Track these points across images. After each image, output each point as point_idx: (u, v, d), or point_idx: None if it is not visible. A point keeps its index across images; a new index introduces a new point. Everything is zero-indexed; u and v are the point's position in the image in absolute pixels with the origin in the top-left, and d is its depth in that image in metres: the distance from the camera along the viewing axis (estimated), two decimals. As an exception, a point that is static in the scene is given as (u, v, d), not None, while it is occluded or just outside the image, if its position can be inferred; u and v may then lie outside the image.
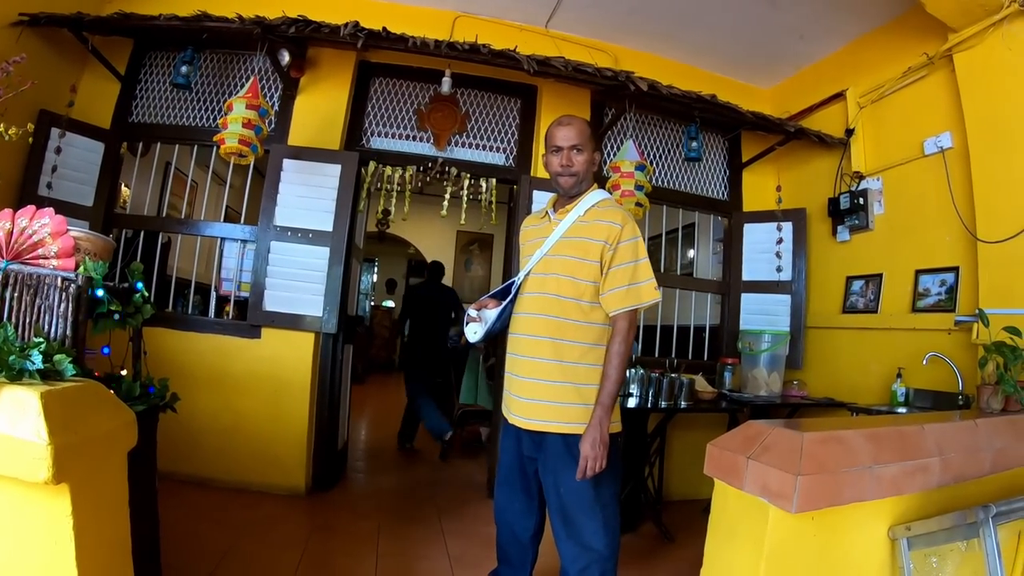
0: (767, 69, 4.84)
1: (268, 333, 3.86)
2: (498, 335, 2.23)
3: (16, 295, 1.50)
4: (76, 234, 1.71)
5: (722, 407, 3.88)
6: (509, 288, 2.18)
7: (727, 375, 4.27)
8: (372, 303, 13.72)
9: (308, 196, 3.89)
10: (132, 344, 1.96)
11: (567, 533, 2.00)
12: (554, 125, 2.10)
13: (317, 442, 3.97)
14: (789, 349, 4.22)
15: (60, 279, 1.53)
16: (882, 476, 1.44)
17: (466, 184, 4.07)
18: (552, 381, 1.98)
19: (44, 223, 1.62)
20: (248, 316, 3.83)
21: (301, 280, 3.83)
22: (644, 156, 4.10)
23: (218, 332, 3.92)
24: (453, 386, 6.05)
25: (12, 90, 2.62)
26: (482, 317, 2.16)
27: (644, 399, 3.61)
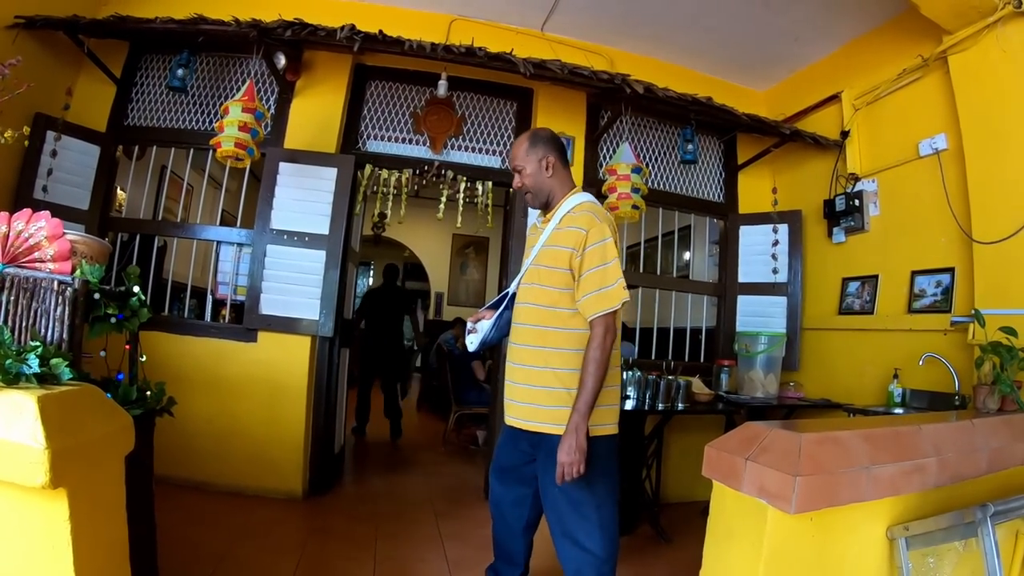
0: (762, 72, 4.86)
1: (264, 337, 3.85)
2: (497, 343, 2.27)
3: (12, 299, 1.49)
4: (72, 237, 1.71)
5: (719, 409, 3.89)
6: (504, 298, 2.24)
7: (724, 377, 4.27)
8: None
9: (304, 199, 3.88)
10: (129, 348, 1.95)
11: (561, 531, 2.03)
12: None
13: (314, 446, 3.96)
14: (785, 351, 4.23)
15: (56, 282, 1.52)
16: (879, 476, 1.44)
17: (462, 187, 4.07)
18: (545, 387, 2.02)
19: (40, 226, 1.61)
20: (244, 320, 3.81)
21: (297, 283, 3.83)
22: (640, 159, 4.11)
23: (214, 336, 3.91)
24: (398, 379, 6.42)
25: (8, 92, 2.60)
26: (478, 328, 2.25)
27: (641, 401, 3.61)
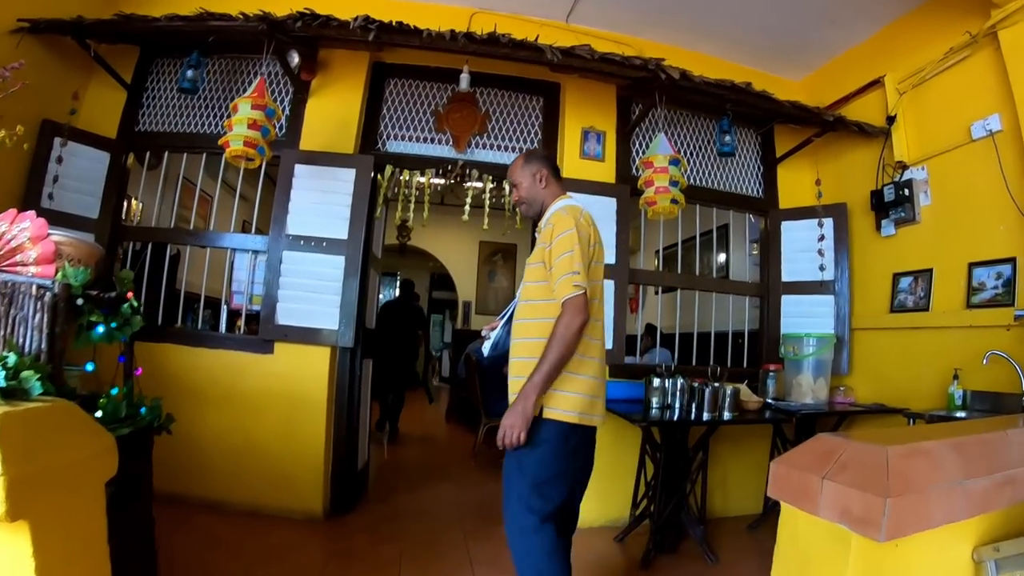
0: (797, 59, 4.62)
1: (281, 348, 3.67)
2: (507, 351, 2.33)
3: (-9, 304, 1.30)
4: (58, 238, 1.53)
5: (767, 418, 3.62)
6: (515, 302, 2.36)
7: (770, 383, 4.02)
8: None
9: (322, 203, 3.70)
10: (124, 359, 1.75)
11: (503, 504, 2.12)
12: None
13: (335, 463, 3.76)
14: (834, 353, 3.97)
15: (35, 287, 1.32)
16: (972, 491, 1.20)
17: (487, 188, 3.86)
18: (521, 376, 2.06)
19: (24, 227, 1.44)
20: (260, 330, 3.63)
21: (315, 292, 3.63)
22: (677, 150, 3.88)
23: (229, 347, 3.73)
24: (402, 391, 6.91)
25: (2, 91, 2.45)
26: (488, 336, 2.40)
27: (686, 411, 3.36)
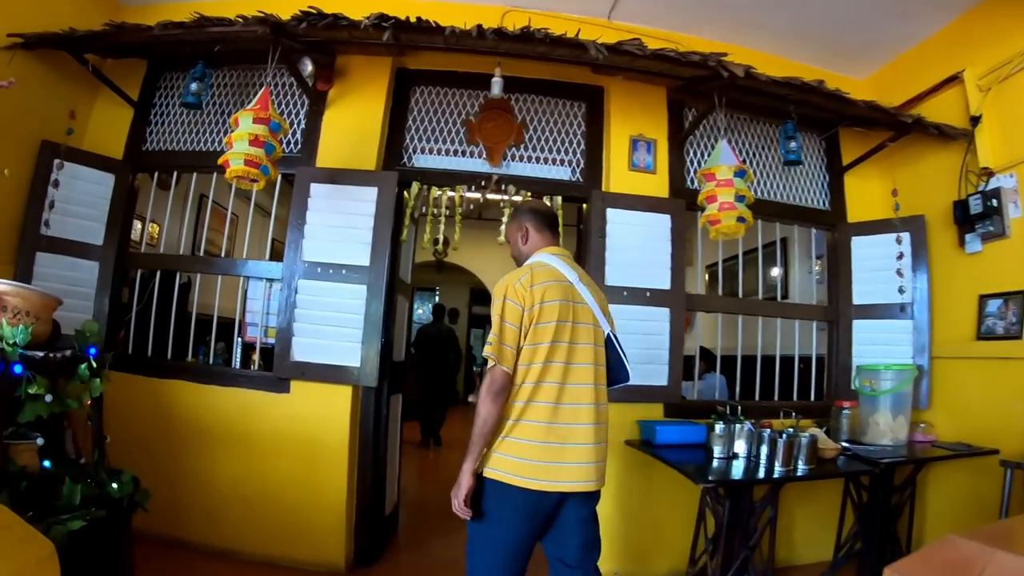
0: (860, 56, 4.17)
1: (298, 387, 3.33)
2: None
3: None
4: (2, 288, 1.19)
5: (848, 470, 3.14)
6: None
7: (844, 421, 3.55)
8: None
9: (341, 226, 3.35)
10: (91, 425, 1.43)
11: None
12: None
13: (359, 510, 3.42)
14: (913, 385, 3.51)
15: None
16: None
17: (526, 204, 3.48)
18: None
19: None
20: (275, 367, 3.29)
21: (334, 324, 3.28)
22: (742, 159, 3.46)
23: (243, 385, 3.42)
24: (441, 409, 7.60)
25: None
26: None
27: (754, 461, 2.92)
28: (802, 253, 4.82)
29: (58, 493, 1.38)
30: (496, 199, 3.65)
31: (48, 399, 1.28)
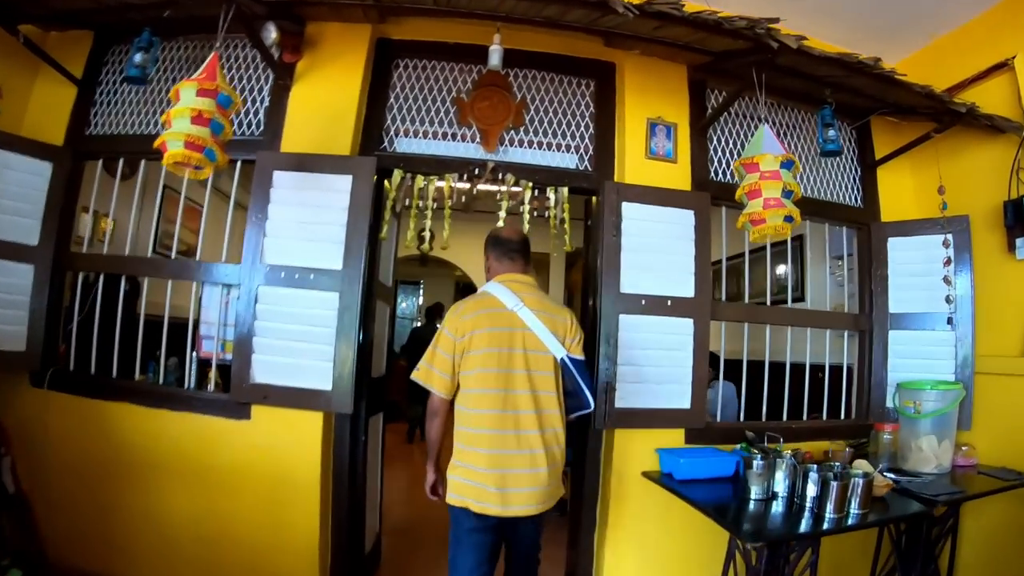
0: (892, 38, 3.72)
1: (260, 412, 2.84)
2: None
3: None
4: None
5: (897, 513, 2.64)
6: None
7: (884, 446, 3.13)
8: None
9: (309, 221, 2.85)
10: None
11: None
12: None
13: (335, 551, 2.97)
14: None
15: None
16: None
17: (527, 196, 2.99)
18: None
19: None
20: (232, 390, 2.80)
21: (302, 339, 2.79)
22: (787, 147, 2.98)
23: (198, 410, 2.93)
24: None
25: None
26: None
27: (797, 505, 2.46)
28: (816, 253, 4.33)
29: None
30: (491, 190, 3.16)
31: None
